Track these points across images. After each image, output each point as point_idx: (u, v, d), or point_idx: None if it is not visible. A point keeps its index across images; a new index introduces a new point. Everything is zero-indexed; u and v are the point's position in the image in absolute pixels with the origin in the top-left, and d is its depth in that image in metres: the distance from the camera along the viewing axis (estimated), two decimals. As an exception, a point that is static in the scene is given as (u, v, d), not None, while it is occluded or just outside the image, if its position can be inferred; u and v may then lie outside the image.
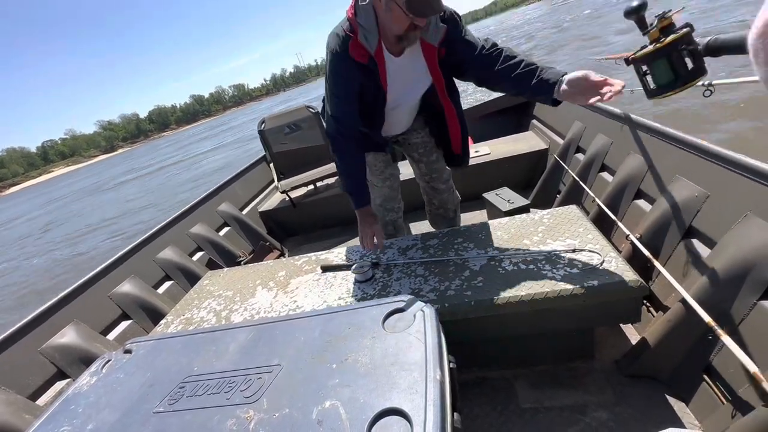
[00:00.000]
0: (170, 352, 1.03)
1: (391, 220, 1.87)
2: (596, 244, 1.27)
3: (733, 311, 1.01)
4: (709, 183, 1.22)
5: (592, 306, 1.15)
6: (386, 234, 1.86)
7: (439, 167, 1.80)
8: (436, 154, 1.77)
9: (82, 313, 1.80)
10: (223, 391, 0.84)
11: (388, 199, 1.81)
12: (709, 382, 1.08)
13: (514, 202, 2.09)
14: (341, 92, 1.39)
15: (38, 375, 1.54)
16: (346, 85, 1.37)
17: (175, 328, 1.51)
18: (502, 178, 2.60)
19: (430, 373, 0.72)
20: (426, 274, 1.38)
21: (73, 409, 0.93)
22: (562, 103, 1.19)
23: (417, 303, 0.91)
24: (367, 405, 0.70)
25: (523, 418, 1.24)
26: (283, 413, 0.74)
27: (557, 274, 1.20)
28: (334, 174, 3.00)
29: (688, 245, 1.26)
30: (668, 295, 1.31)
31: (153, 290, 2.12)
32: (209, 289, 1.72)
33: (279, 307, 1.43)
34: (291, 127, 3.27)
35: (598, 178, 1.92)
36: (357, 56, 1.29)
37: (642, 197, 1.58)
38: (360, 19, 1.25)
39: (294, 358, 0.87)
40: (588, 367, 1.34)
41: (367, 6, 1.23)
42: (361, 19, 1.25)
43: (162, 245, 2.33)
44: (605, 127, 1.94)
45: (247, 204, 3.21)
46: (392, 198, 1.82)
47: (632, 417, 1.16)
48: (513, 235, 1.45)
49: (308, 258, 1.72)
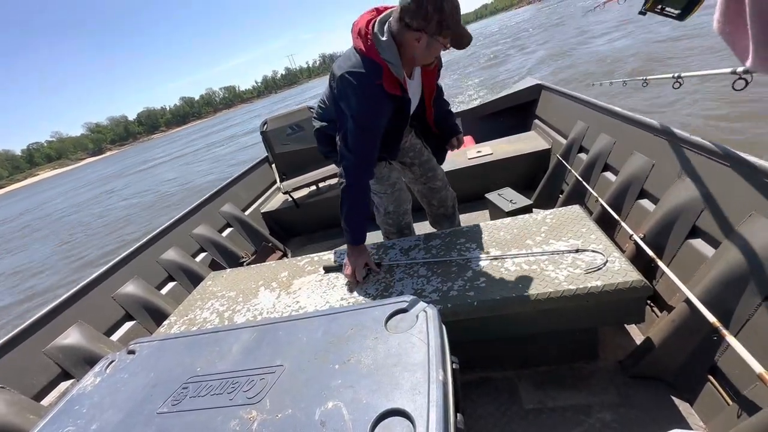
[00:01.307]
0: (173, 353, 1.03)
1: (406, 224, 1.87)
2: (599, 245, 1.26)
3: (738, 311, 1.00)
4: (714, 182, 1.22)
5: (596, 306, 1.14)
6: (402, 236, 1.86)
7: (433, 165, 1.82)
8: (427, 153, 1.79)
9: (85, 314, 1.80)
10: (226, 391, 0.84)
11: (400, 203, 1.80)
12: (714, 383, 1.07)
13: (516, 203, 2.08)
14: (376, 129, 1.37)
15: (42, 375, 1.55)
16: (380, 121, 1.36)
17: (178, 328, 1.51)
18: (505, 179, 2.59)
19: (433, 374, 0.71)
20: (428, 274, 1.38)
21: (77, 409, 0.94)
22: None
23: (420, 303, 0.91)
24: (369, 406, 0.70)
25: (527, 419, 1.24)
26: (285, 414, 0.74)
27: (560, 274, 1.19)
28: (335, 175, 3.00)
29: (693, 245, 1.25)
30: (672, 295, 1.30)
31: (156, 291, 2.13)
32: (212, 289, 1.72)
33: (282, 308, 1.44)
34: (293, 128, 3.27)
35: (601, 177, 1.91)
36: (391, 89, 1.29)
37: (645, 197, 1.58)
38: (385, 55, 1.26)
39: (297, 359, 0.87)
40: (592, 368, 1.33)
41: (389, 41, 1.25)
42: (386, 55, 1.26)
43: (165, 246, 2.34)
44: (608, 126, 1.94)
45: (249, 205, 3.22)
46: (404, 200, 1.82)
47: (636, 418, 1.15)
48: (516, 235, 1.45)
49: (311, 258, 1.72)
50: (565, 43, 14.50)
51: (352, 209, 1.45)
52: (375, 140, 1.38)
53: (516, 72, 12.14)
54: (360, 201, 1.45)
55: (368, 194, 1.50)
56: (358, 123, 1.33)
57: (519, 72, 11.88)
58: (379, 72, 1.26)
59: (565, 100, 2.56)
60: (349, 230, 1.45)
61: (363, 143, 1.37)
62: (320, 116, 1.58)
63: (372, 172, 1.47)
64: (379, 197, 1.75)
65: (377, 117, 1.33)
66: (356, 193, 1.43)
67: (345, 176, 1.41)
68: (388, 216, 1.80)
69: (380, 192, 1.73)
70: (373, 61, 1.27)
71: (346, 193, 1.43)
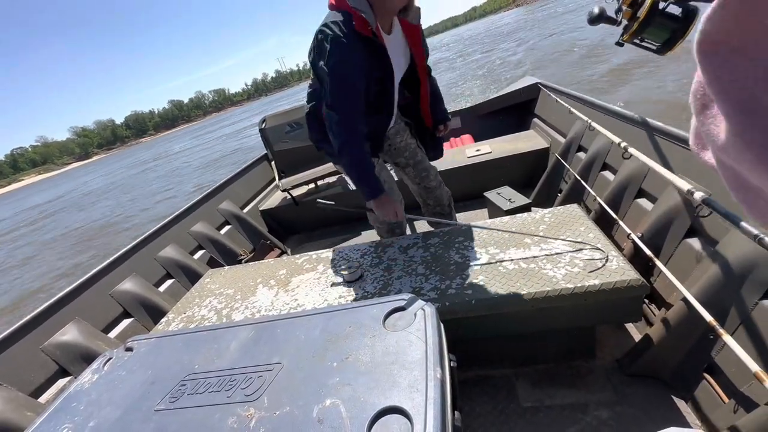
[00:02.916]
0: (171, 350, 1.03)
1: (397, 224, 1.87)
2: (597, 243, 1.27)
3: (735, 310, 1.01)
4: (711, 182, 1.22)
5: (594, 305, 1.15)
6: (395, 235, 1.86)
7: (427, 165, 1.82)
8: (421, 153, 1.79)
9: (83, 311, 1.80)
10: (224, 389, 0.84)
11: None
12: (710, 381, 1.08)
13: (515, 201, 2.08)
14: (354, 79, 1.33)
15: (40, 372, 1.55)
16: (356, 70, 1.32)
17: (176, 326, 1.51)
18: (504, 177, 2.60)
19: (431, 372, 0.72)
20: (427, 272, 1.38)
21: (75, 406, 0.93)
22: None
23: (418, 301, 0.91)
24: (367, 403, 0.70)
25: (524, 417, 1.24)
26: (283, 411, 0.74)
27: (558, 272, 1.20)
28: (334, 173, 3.00)
29: (690, 244, 1.26)
30: (670, 294, 1.31)
31: (154, 288, 2.12)
32: (210, 287, 1.72)
33: (280, 306, 1.44)
34: (292, 125, 3.27)
35: (599, 176, 1.92)
36: (363, 30, 1.29)
37: (644, 196, 1.58)
38: (353, 2, 1.27)
39: (295, 357, 0.87)
40: (589, 366, 1.34)
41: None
42: (354, 2, 1.27)
43: (163, 243, 2.34)
44: (607, 125, 1.94)
45: (248, 202, 3.21)
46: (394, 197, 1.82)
47: (633, 416, 1.15)
48: (514, 234, 1.45)
49: (309, 256, 1.72)
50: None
51: (357, 167, 1.43)
52: (356, 93, 1.35)
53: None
54: (360, 156, 1.43)
55: (365, 147, 1.46)
56: (335, 74, 1.30)
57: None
58: (349, 18, 1.28)
59: (564, 98, 2.56)
60: (366, 188, 1.45)
61: (343, 96, 1.34)
62: (309, 99, 1.57)
63: (361, 127, 1.42)
64: None
65: (353, 65, 1.31)
66: (351, 149, 1.40)
67: (335, 138, 1.39)
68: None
69: None
70: (343, 10, 1.29)
71: (344, 154, 1.41)
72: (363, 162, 1.44)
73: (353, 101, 1.36)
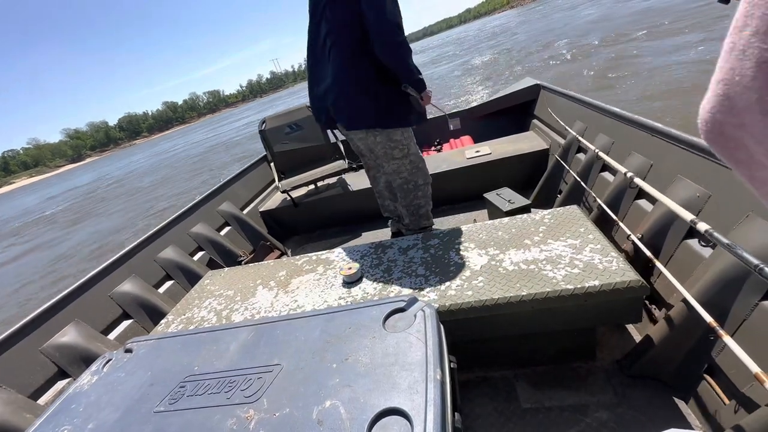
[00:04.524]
0: (171, 352, 1.03)
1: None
2: (597, 244, 1.27)
3: (735, 311, 1.01)
4: (711, 183, 1.22)
5: (594, 306, 1.15)
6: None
7: (380, 163, 1.98)
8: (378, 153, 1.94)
9: (82, 313, 1.80)
10: (223, 390, 0.84)
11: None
12: (711, 383, 1.07)
13: (514, 202, 2.08)
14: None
15: (39, 374, 1.54)
16: None
17: (175, 327, 1.51)
18: (503, 178, 2.60)
19: (431, 373, 0.71)
20: (427, 273, 1.38)
21: (74, 408, 0.93)
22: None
23: (418, 303, 0.91)
24: (367, 405, 0.69)
25: (524, 419, 1.24)
26: (283, 413, 0.74)
27: (558, 274, 1.20)
28: (334, 174, 3.00)
29: (690, 245, 1.26)
30: (670, 295, 1.30)
31: (154, 290, 2.12)
32: (210, 288, 1.72)
33: (279, 307, 1.43)
34: (292, 126, 3.27)
35: (599, 178, 1.92)
36: None
37: (643, 197, 1.58)
38: None
39: (294, 358, 0.87)
40: (589, 368, 1.34)
41: None
42: None
43: (163, 245, 2.34)
44: (606, 126, 1.94)
45: (247, 204, 3.21)
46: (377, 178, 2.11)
47: (634, 417, 1.15)
48: (514, 235, 1.45)
49: (309, 258, 1.72)
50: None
51: (414, 65, 1.65)
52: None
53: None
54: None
55: None
56: None
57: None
58: None
59: (563, 100, 2.56)
60: (422, 77, 1.68)
61: (394, 4, 1.57)
62: (348, 30, 1.66)
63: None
64: (397, 163, 1.89)
65: None
66: (408, 48, 1.64)
67: (399, 35, 1.57)
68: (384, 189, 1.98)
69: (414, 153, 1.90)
70: None
71: (407, 48, 1.62)
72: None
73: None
